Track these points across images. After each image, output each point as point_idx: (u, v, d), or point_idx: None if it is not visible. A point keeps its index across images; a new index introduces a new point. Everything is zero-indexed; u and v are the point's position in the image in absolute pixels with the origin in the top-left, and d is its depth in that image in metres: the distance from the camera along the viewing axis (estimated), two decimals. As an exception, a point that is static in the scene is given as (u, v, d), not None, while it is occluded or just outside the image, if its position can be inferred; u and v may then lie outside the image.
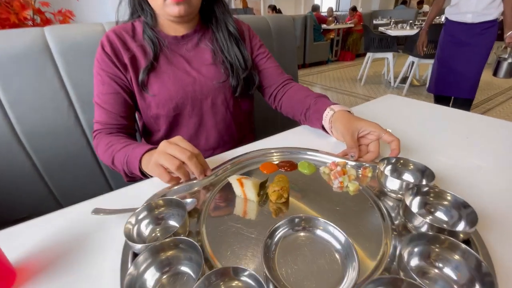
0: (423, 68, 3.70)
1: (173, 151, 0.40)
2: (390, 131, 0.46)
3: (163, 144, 0.42)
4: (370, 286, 0.23)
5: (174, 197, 0.38)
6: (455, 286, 0.26)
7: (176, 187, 0.43)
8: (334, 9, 7.47)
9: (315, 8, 5.16)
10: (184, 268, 0.29)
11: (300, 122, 0.66)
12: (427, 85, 2.28)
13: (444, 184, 0.41)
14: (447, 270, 0.27)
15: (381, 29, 3.89)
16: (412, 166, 0.41)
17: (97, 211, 0.38)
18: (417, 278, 0.22)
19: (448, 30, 1.87)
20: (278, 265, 0.29)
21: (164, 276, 0.28)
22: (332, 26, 5.12)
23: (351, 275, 0.26)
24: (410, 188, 0.35)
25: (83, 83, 0.73)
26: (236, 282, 0.25)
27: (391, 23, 4.55)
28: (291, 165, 0.48)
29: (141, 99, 0.61)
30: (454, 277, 0.26)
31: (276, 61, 0.72)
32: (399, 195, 0.38)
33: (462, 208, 0.32)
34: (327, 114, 0.54)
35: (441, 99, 2.17)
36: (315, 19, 4.73)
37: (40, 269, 0.31)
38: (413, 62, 3.08)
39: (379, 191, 0.41)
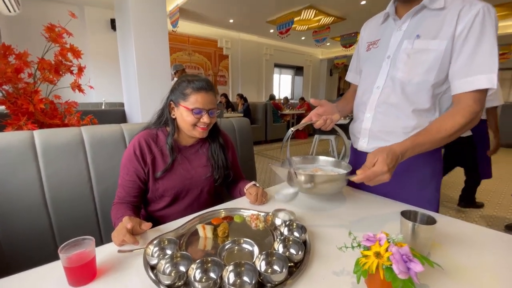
0: (358, 147, 4.58)
1: (117, 235, 0.65)
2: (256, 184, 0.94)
3: (115, 231, 0.66)
4: (262, 255, 0.57)
5: (170, 237, 0.68)
6: (293, 251, 0.61)
7: (170, 234, 0.74)
8: (289, 97, 9.01)
9: (272, 97, 6.35)
10: (182, 267, 0.58)
11: (235, 196, 1.04)
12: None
13: (301, 220, 0.79)
14: (292, 249, 0.62)
15: (324, 117, 4.90)
16: (284, 211, 0.77)
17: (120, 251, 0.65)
18: (280, 252, 0.58)
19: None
20: (226, 259, 0.61)
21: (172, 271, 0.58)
22: (286, 112, 6.23)
23: (255, 255, 0.60)
24: (284, 222, 0.72)
25: (100, 166, 1.06)
26: (209, 264, 0.57)
27: (332, 112, 5.74)
28: (230, 218, 0.80)
29: (153, 184, 0.91)
30: (294, 251, 0.61)
31: (238, 164, 1.13)
32: (279, 226, 0.73)
33: (302, 228, 0.68)
34: (246, 187, 0.96)
35: None
36: (273, 106, 5.78)
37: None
38: (348, 144, 3.90)
39: (271, 225, 0.76)
